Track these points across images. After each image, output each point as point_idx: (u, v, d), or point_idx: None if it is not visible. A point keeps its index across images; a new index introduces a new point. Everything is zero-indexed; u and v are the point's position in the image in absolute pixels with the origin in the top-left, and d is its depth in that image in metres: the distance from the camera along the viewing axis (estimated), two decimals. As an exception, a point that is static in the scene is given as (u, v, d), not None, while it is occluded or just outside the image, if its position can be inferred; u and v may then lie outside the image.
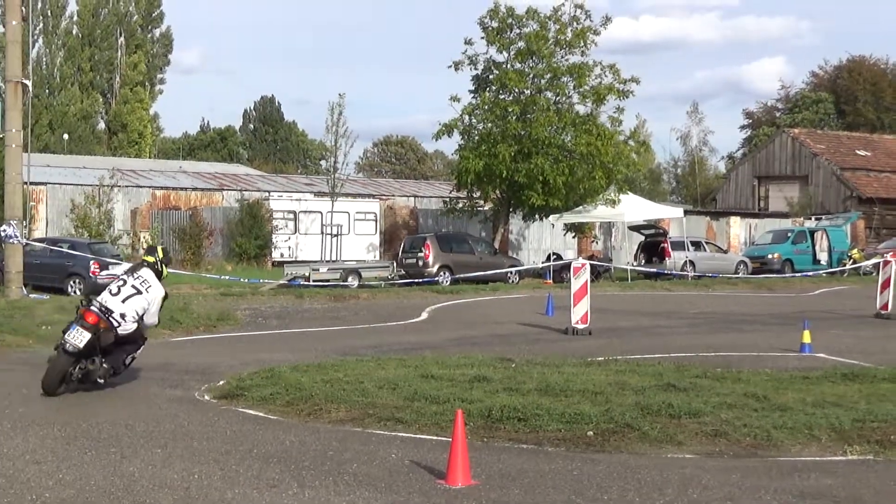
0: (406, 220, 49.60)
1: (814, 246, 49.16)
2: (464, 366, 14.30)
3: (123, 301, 12.83)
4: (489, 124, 40.45)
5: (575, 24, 40.73)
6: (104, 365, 12.68)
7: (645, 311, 27.54)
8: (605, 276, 41.06)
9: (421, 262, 37.57)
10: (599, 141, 39.04)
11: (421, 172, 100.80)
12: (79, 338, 12.36)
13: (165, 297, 13.53)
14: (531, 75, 40.40)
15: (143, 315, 13.00)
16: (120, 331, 12.76)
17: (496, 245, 42.25)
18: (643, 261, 43.75)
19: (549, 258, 42.78)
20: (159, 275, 13.38)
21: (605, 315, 24.84)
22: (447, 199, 44.83)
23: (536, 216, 42.50)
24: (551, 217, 42.20)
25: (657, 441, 10.03)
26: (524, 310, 27.23)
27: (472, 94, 41.56)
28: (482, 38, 40.71)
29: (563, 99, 40.98)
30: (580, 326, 20.89)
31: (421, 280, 35.13)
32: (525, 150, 39.30)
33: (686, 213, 50.19)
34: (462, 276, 36.71)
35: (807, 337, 18.14)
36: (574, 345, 19.09)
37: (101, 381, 12.67)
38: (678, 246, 42.99)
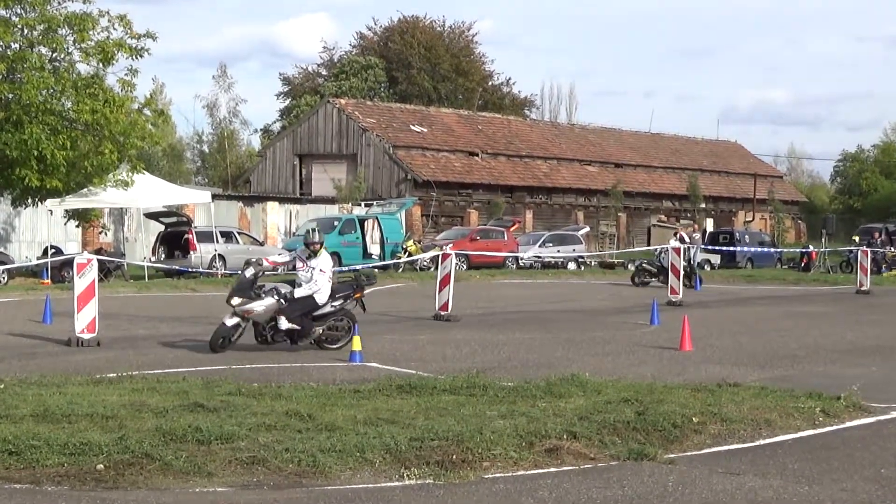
0: None
1: (364, 237, 50.89)
2: (-63, 390, 13.70)
3: None
4: (-35, 86, 38.81)
5: (72, -38, 39.78)
6: None
7: (166, 317, 27.46)
8: (116, 274, 40.54)
9: None
10: (108, 108, 38.33)
11: None
12: None
13: None
14: (20, 26, 39.07)
15: None
16: None
17: (-23, 237, 40.69)
18: (163, 255, 43.60)
19: (46, 252, 41.66)
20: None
21: (118, 322, 24.61)
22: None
23: (30, 200, 41.25)
24: (49, 202, 41.09)
25: (183, 472, 10.04)
26: (16, 316, 26.40)
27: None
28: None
29: (62, 56, 39.94)
30: (86, 336, 20.52)
31: None
32: (15, 118, 38.00)
33: (214, 197, 50.53)
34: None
35: (357, 344, 18.76)
36: (79, 358, 18.74)
37: None
38: (205, 237, 43.17)
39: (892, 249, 56.61)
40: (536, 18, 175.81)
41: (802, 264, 56.95)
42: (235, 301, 19.59)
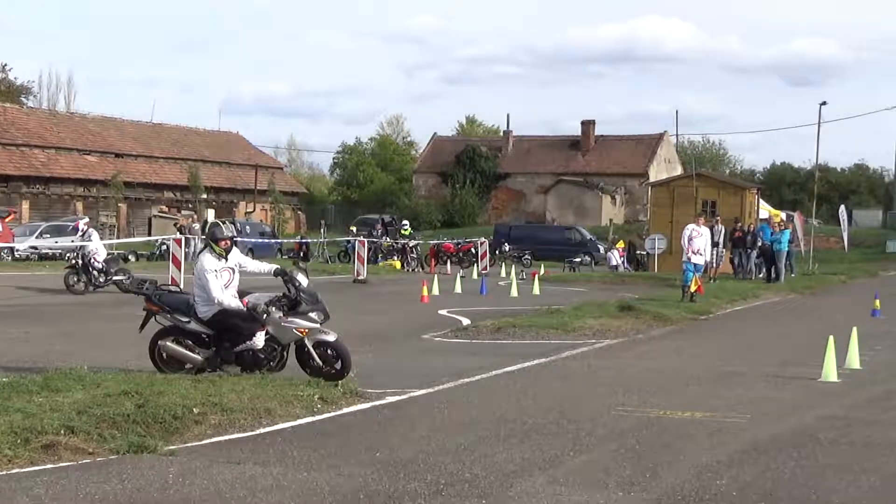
0: None
1: None
2: None
3: None
4: None
5: None
6: None
7: None
8: None
9: None
10: None
11: None
12: None
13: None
14: None
15: None
16: None
17: None
18: None
19: None
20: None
21: None
22: None
23: None
24: None
25: None
26: None
27: None
28: None
29: None
30: None
31: None
32: None
33: None
34: None
35: None
36: None
37: None
38: None
39: (389, 240, 58.70)
40: (33, 2, 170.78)
41: (301, 254, 58.15)
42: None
